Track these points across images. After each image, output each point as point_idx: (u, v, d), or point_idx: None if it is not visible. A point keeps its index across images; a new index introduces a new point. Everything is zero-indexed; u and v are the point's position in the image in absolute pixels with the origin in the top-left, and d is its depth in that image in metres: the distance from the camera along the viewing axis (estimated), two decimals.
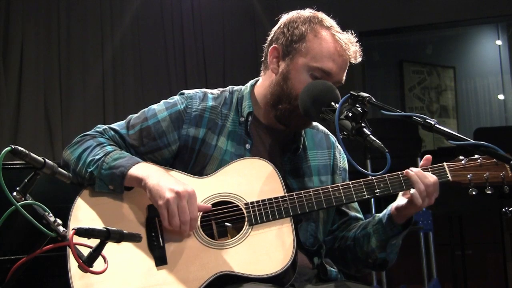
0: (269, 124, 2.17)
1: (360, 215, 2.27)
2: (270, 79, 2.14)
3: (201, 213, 1.98)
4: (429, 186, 1.97)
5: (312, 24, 2.09)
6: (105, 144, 2.07)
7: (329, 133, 2.31)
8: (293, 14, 2.16)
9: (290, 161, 2.16)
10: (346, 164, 2.30)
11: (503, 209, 1.75)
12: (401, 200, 2.04)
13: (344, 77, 2.10)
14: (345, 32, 2.11)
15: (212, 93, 2.20)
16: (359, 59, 2.10)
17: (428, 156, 2.07)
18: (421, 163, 2.07)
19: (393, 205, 2.06)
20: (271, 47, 2.14)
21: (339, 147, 2.29)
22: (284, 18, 2.17)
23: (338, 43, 2.06)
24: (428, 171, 2.02)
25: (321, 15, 2.14)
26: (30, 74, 5.12)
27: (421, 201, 1.96)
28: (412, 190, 1.98)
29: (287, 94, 2.07)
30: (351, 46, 2.07)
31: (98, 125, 2.19)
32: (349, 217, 2.25)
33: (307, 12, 2.15)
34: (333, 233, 2.24)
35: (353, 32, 2.13)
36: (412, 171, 1.99)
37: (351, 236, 2.17)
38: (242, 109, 2.16)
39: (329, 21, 2.12)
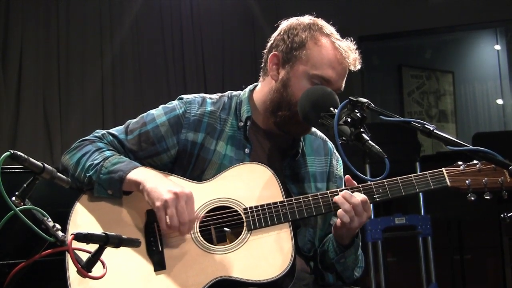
0: (267, 129, 2.17)
1: None
2: (269, 86, 2.14)
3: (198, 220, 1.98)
4: (356, 205, 1.96)
5: (312, 31, 2.09)
6: (104, 149, 2.08)
7: (327, 139, 2.31)
8: (293, 20, 2.16)
9: (289, 166, 2.17)
10: (342, 172, 2.30)
11: (502, 215, 1.75)
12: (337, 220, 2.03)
13: (343, 85, 2.11)
14: (344, 39, 2.11)
15: (211, 98, 2.21)
16: (359, 67, 2.11)
17: (347, 176, 2.07)
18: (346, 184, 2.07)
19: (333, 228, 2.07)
20: (271, 54, 2.14)
21: (337, 154, 2.30)
22: (284, 24, 2.17)
23: (338, 50, 2.06)
24: (361, 191, 2.02)
25: (321, 22, 2.14)
26: (29, 78, 5.11)
27: (348, 219, 1.95)
28: (339, 211, 1.97)
29: (287, 101, 2.07)
30: (350, 53, 2.08)
31: (97, 130, 2.19)
32: None
33: (307, 19, 2.15)
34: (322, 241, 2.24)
35: (352, 39, 2.13)
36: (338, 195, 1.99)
37: (322, 248, 2.18)
38: (241, 114, 2.16)
39: (328, 28, 2.12)
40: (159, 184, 1.92)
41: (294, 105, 2.05)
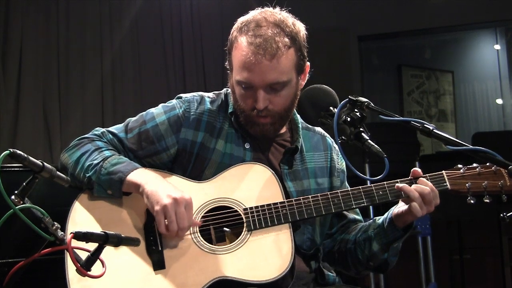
0: None
1: (359, 217, 2.27)
2: None
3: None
4: (425, 195, 1.97)
5: (235, 32, 2.05)
6: (103, 149, 2.07)
7: (326, 134, 2.30)
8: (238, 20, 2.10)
9: (288, 163, 2.16)
10: (344, 166, 2.29)
11: (501, 215, 1.75)
12: (401, 206, 2.03)
13: (278, 76, 1.98)
14: (271, 23, 1.99)
15: (209, 97, 2.20)
16: (301, 41, 2.03)
17: (414, 169, 2.06)
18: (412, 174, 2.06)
19: (394, 210, 2.06)
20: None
21: (337, 148, 2.28)
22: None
23: (250, 48, 1.96)
24: (427, 179, 2.02)
25: (251, 16, 2.06)
26: (29, 77, 5.12)
27: (419, 209, 1.96)
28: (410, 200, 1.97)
29: (236, 107, 2.11)
30: (268, 42, 1.95)
31: (96, 128, 2.18)
32: (348, 220, 2.25)
33: (249, 15, 2.08)
34: (331, 236, 2.24)
35: (288, 9, 2.05)
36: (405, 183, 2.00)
37: (351, 239, 2.17)
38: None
39: (254, 22, 2.01)
40: (159, 188, 1.91)
41: (241, 111, 2.07)
